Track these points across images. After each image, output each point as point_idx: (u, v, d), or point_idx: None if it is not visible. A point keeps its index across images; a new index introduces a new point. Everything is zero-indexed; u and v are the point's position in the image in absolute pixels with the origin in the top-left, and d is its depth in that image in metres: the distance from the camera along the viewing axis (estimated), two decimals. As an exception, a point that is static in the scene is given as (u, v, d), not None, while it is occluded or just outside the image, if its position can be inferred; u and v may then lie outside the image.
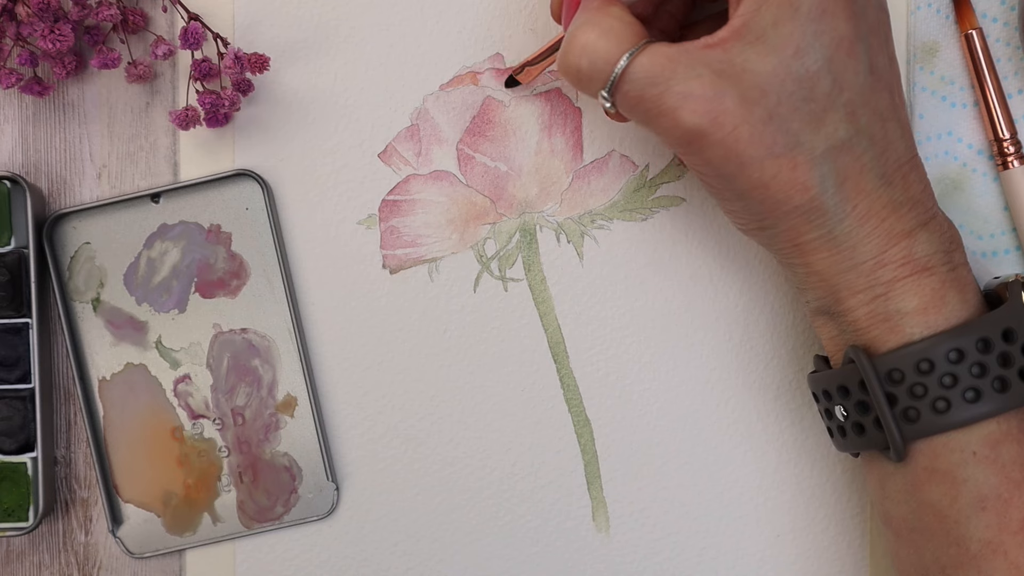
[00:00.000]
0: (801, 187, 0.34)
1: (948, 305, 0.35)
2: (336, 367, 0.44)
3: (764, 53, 0.34)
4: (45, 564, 0.45)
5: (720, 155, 0.34)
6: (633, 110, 0.35)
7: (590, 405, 0.44)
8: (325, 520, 0.44)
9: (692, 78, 0.34)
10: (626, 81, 0.35)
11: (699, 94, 0.34)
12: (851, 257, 0.35)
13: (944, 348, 0.34)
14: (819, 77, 0.34)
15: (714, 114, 0.34)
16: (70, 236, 0.44)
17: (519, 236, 0.44)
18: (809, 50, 0.34)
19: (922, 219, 0.36)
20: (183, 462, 0.44)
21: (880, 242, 0.35)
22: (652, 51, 0.34)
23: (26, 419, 0.43)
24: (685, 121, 0.34)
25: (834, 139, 0.34)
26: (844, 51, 0.34)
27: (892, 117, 0.36)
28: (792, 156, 0.34)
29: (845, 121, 0.34)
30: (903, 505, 0.36)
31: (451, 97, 0.44)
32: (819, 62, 0.34)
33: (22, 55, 0.41)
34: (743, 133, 0.34)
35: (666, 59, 0.34)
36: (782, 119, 0.34)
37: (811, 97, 0.34)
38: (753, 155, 0.34)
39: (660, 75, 0.34)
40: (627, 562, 0.44)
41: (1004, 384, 0.35)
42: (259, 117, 0.44)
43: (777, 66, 0.34)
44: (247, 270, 0.44)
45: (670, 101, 0.34)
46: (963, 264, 0.37)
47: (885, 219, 0.35)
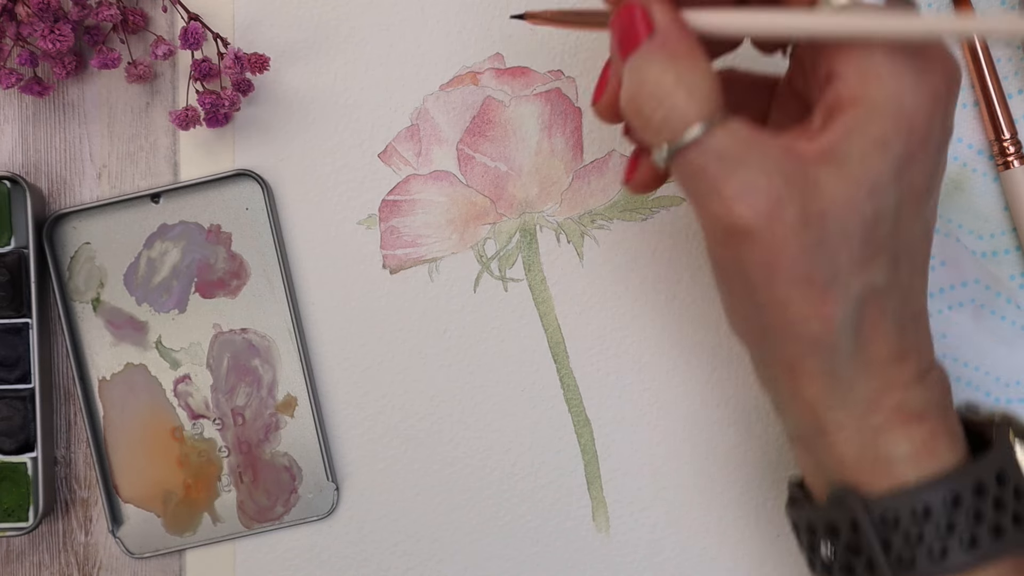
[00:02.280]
0: (822, 321, 0.33)
1: (940, 450, 0.34)
2: (336, 367, 0.44)
3: (840, 180, 0.32)
4: (45, 564, 0.45)
5: (756, 260, 0.32)
6: (689, 178, 0.32)
7: (590, 405, 0.44)
8: (325, 520, 0.44)
9: (762, 173, 0.31)
10: (696, 149, 0.32)
11: (764, 192, 0.31)
12: (844, 396, 0.34)
13: (941, 494, 0.33)
14: (883, 221, 0.32)
15: (770, 218, 0.31)
16: (70, 236, 0.44)
17: (519, 236, 0.44)
18: (884, 193, 0.32)
19: (921, 372, 0.34)
20: (183, 462, 0.44)
21: (878, 387, 0.34)
22: (732, 127, 0.32)
23: (26, 419, 0.43)
24: (738, 213, 0.31)
25: (872, 284, 0.33)
26: (914, 201, 0.33)
27: (922, 270, 0.35)
28: (826, 289, 0.32)
29: (887, 268, 0.33)
30: None
31: (451, 97, 0.44)
32: (889, 206, 0.32)
33: (22, 55, 0.41)
34: (790, 248, 0.32)
35: (743, 143, 0.32)
36: (832, 250, 0.32)
37: (868, 239, 0.32)
38: (789, 274, 0.32)
39: (731, 156, 0.31)
40: (627, 562, 0.44)
41: (999, 530, 0.34)
42: (259, 117, 0.44)
43: (849, 198, 0.32)
44: (247, 270, 0.44)
45: (732, 187, 0.31)
46: (952, 410, 0.36)
47: (889, 366, 0.34)
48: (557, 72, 0.44)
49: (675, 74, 0.32)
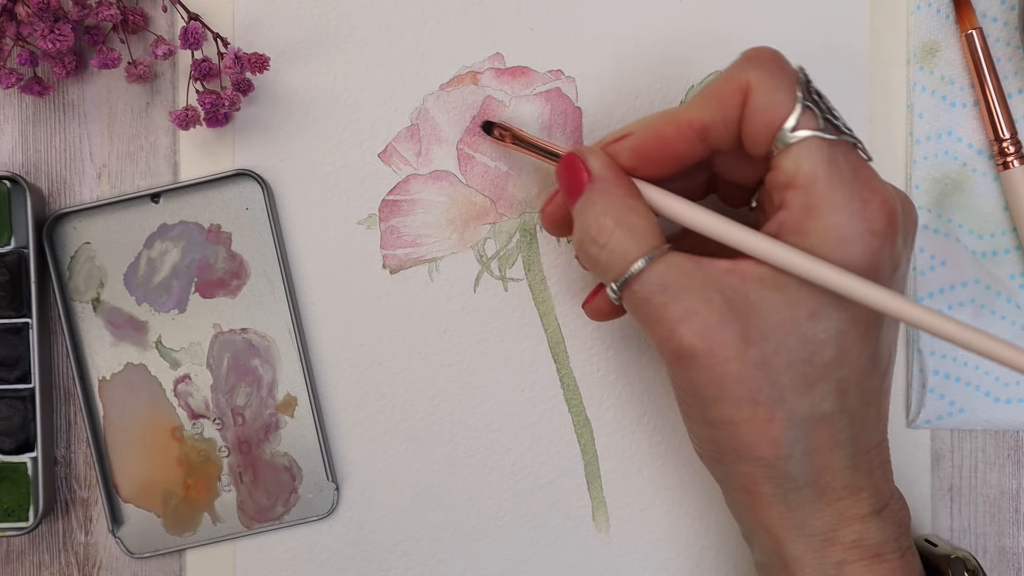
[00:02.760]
0: (771, 441, 0.34)
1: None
2: (336, 367, 0.44)
3: (780, 303, 0.33)
4: (45, 564, 0.45)
5: (704, 380, 0.34)
6: (636, 309, 0.35)
7: (590, 405, 0.44)
8: (325, 520, 0.44)
9: (702, 299, 0.33)
10: (639, 282, 0.34)
11: (703, 316, 0.33)
12: (800, 526, 0.35)
13: None
14: (824, 346, 0.33)
15: (711, 341, 0.33)
16: (70, 236, 0.44)
17: (519, 236, 0.44)
18: (825, 318, 0.33)
19: (877, 506, 0.35)
20: (183, 462, 0.44)
21: (831, 521, 0.35)
22: (670, 260, 0.34)
23: (26, 419, 0.43)
24: (682, 337, 0.34)
25: (818, 409, 0.34)
26: (859, 332, 0.34)
27: (876, 402, 0.35)
28: (771, 409, 0.34)
29: (834, 395, 0.34)
30: None
31: (451, 97, 0.44)
32: (830, 332, 0.33)
33: (22, 55, 0.41)
34: (732, 368, 0.33)
35: (682, 272, 0.34)
36: (774, 370, 0.33)
37: (809, 361, 0.33)
38: (734, 393, 0.34)
39: (672, 286, 0.34)
40: (627, 562, 0.44)
41: None
42: (259, 117, 0.44)
43: (788, 320, 0.33)
44: (247, 270, 0.44)
45: (674, 314, 0.34)
46: (910, 548, 0.36)
47: (842, 499, 0.35)
48: (557, 72, 0.44)
49: (614, 217, 0.35)
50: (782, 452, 0.34)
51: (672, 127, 0.36)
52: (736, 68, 0.35)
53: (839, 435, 0.34)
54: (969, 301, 0.43)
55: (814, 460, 0.34)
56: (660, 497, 0.44)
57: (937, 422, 0.44)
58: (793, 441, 0.34)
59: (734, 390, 0.34)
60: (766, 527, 0.36)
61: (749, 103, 0.34)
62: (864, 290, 0.33)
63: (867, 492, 0.35)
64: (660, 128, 0.36)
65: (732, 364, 0.33)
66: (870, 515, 0.35)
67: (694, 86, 0.44)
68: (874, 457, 0.36)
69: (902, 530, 0.36)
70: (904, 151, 0.44)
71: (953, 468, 0.44)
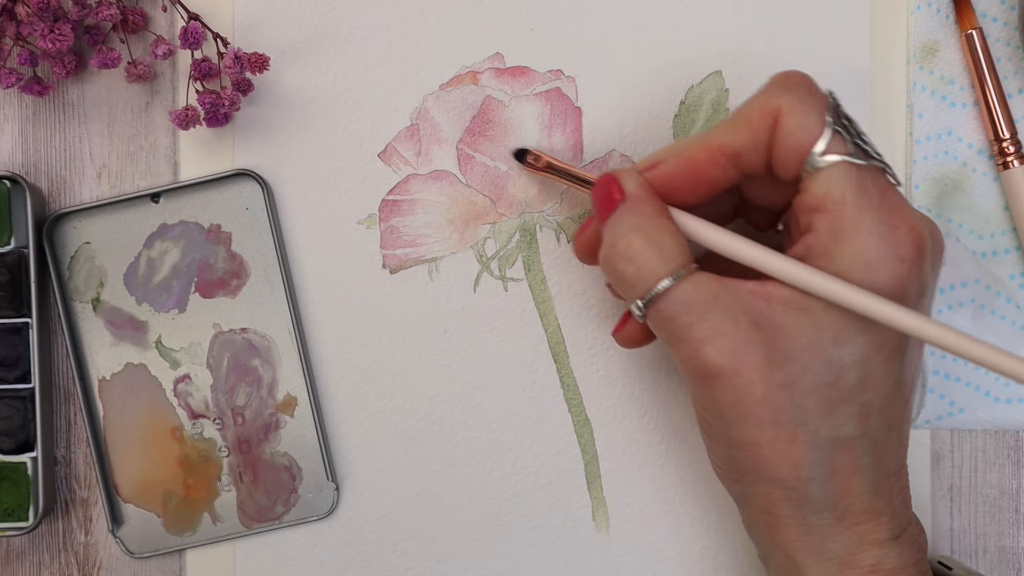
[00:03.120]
0: (792, 464, 0.34)
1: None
2: (336, 367, 0.44)
3: (805, 326, 0.33)
4: (45, 564, 0.45)
5: (728, 400, 0.34)
6: (662, 328, 0.35)
7: (590, 405, 0.44)
8: (325, 520, 0.44)
9: (728, 320, 0.34)
10: (665, 300, 0.34)
11: (729, 337, 0.33)
12: (819, 550, 0.35)
13: None
14: (849, 370, 0.33)
15: (737, 361, 0.33)
16: (70, 236, 0.44)
17: (519, 236, 0.44)
18: (850, 342, 0.33)
19: (896, 531, 0.35)
20: (183, 462, 0.44)
21: (850, 545, 0.35)
22: (698, 280, 0.34)
23: (26, 419, 0.43)
24: (707, 357, 0.34)
25: (840, 433, 0.34)
26: (883, 357, 0.34)
27: (898, 427, 0.36)
28: (794, 431, 0.34)
29: (856, 419, 0.34)
30: None
31: (451, 97, 0.44)
32: (855, 356, 0.33)
33: (22, 55, 0.41)
34: (756, 390, 0.33)
35: (709, 292, 0.34)
36: (798, 393, 0.33)
37: (834, 385, 0.33)
38: (757, 414, 0.34)
39: (698, 305, 0.34)
40: (627, 562, 0.44)
41: None
42: (259, 117, 0.44)
43: (813, 343, 0.33)
44: (247, 270, 0.44)
45: (700, 333, 0.34)
46: (927, 573, 0.36)
47: (862, 523, 0.35)
48: (557, 72, 0.44)
49: (643, 235, 0.35)
50: (803, 475, 0.34)
51: (704, 154, 0.36)
52: (766, 93, 0.35)
53: (860, 459, 0.34)
54: (969, 301, 0.43)
55: (835, 484, 0.34)
56: (660, 497, 0.44)
57: (937, 422, 0.44)
58: (814, 464, 0.34)
59: (757, 411, 0.34)
60: (784, 549, 0.36)
61: (779, 127, 0.34)
62: (892, 313, 0.33)
63: (887, 517, 0.35)
64: (692, 155, 0.36)
65: (757, 385, 0.33)
66: (888, 540, 0.35)
67: (694, 86, 0.44)
68: (894, 483, 0.36)
69: (920, 555, 0.36)
70: (904, 151, 0.44)
71: (953, 468, 0.44)
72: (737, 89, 0.44)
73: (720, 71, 0.44)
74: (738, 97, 0.44)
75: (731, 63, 0.44)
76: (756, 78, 0.44)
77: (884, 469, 0.35)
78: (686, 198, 0.37)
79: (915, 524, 0.37)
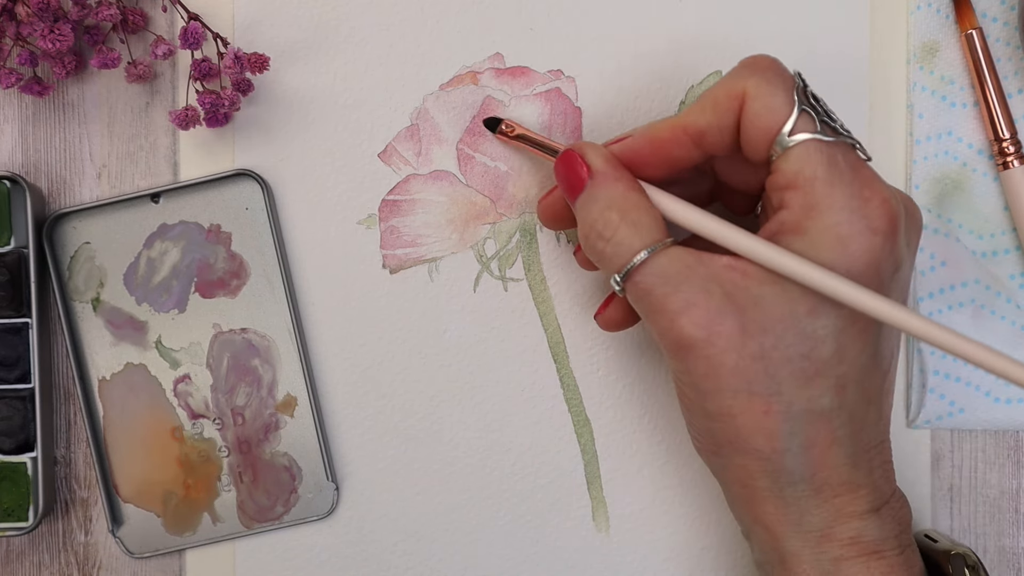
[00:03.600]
0: (767, 434, 0.34)
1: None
2: (336, 367, 0.44)
3: (779, 297, 0.34)
4: (45, 564, 0.45)
5: (702, 370, 0.34)
6: (639, 300, 0.36)
7: (590, 405, 0.44)
8: (325, 520, 0.44)
9: (702, 291, 0.34)
10: (640, 273, 0.35)
11: (703, 308, 0.34)
12: (797, 522, 0.35)
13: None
14: (823, 342, 0.34)
15: (709, 331, 0.34)
16: (70, 236, 0.44)
17: (519, 236, 0.44)
18: (824, 315, 0.34)
19: (876, 504, 0.35)
20: (183, 462, 0.44)
21: (828, 517, 0.35)
22: (672, 253, 0.35)
23: (26, 419, 0.43)
24: (681, 327, 0.34)
25: (815, 404, 0.34)
26: (858, 330, 0.34)
27: (876, 401, 0.36)
28: (767, 401, 0.34)
29: (832, 391, 0.34)
30: None
31: (451, 97, 0.44)
32: (829, 329, 0.34)
33: (22, 55, 0.41)
34: (729, 359, 0.34)
35: (683, 265, 0.34)
36: (772, 363, 0.34)
37: (808, 356, 0.34)
38: (731, 383, 0.34)
39: (674, 278, 0.34)
40: (627, 562, 0.44)
41: None
42: (259, 117, 0.44)
43: (787, 315, 0.34)
44: (247, 270, 0.44)
45: (674, 304, 0.34)
46: (910, 545, 0.36)
47: (839, 496, 0.35)
48: (557, 72, 0.44)
49: (619, 211, 0.36)
50: (778, 445, 0.34)
51: (668, 132, 0.36)
52: (733, 75, 0.36)
53: (837, 432, 0.34)
54: (969, 301, 0.43)
55: (811, 455, 0.34)
56: (660, 497, 0.44)
57: (937, 422, 0.44)
58: (789, 435, 0.34)
59: (731, 381, 0.34)
60: (763, 523, 0.36)
61: (746, 109, 0.35)
62: (853, 293, 0.33)
63: (865, 490, 0.35)
64: (656, 132, 0.37)
65: (730, 355, 0.34)
66: (868, 512, 0.35)
67: (694, 86, 0.44)
68: (874, 456, 0.36)
69: (902, 528, 0.36)
70: (904, 151, 0.44)
71: (953, 468, 0.44)
72: (737, 89, 0.44)
73: (720, 71, 0.44)
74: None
75: (731, 63, 0.43)
76: (756, 78, 0.44)
77: (863, 442, 0.35)
78: (651, 173, 0.37)
79: (898, 497, 0.37)
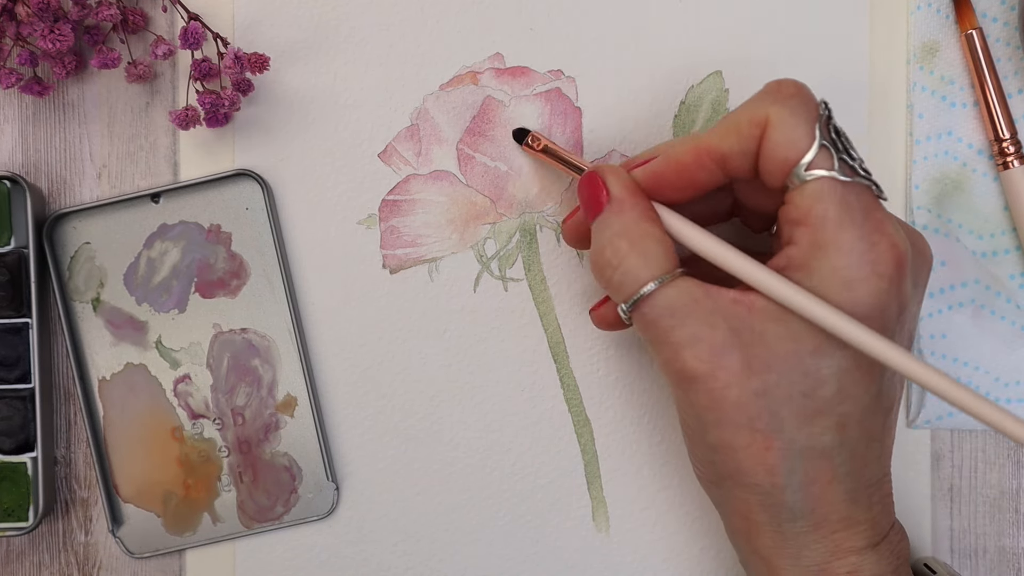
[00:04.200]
0: (768, 469, 0.34)
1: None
2: (336, 367, 0.44)
3: (784, 336, 0.34)
4: (45, 564, 0.45)
5: (705, 403, 0.34)
6: (645, 330, 0.36)
7: (590, 405, 0.44)
8: (325, 520, 0.44)
9: (707, 325, 0.34)
10: (648, 304, 0.35)
11: (707, 342, 0.34)
12: (795, 556, 0.35)
13: None
14: (826, 382, 0.34)
15: (713, 366, 0.34)
16: (70, 236, 0.44)
17: (519, 236, 0.44)
18: (828, 355, 0.34)
19: (874, 539, 0.35)
20: (183, 462, 0.44)
21: (826, 552, 0.35)
22: (680, 285, 0.35)
23: (26, 419, 0.43)
24: (685, 360, 0.34)
25: (817, 442, 0.34)
26: (862, 371, 0.34)
27: (879, 438, 0.36)
28: (769, 437, 0.34)
29: (833, 430, 0.34)
30: None
31: (451, 97, 0.44)
32: (832, 369, 0.34)
33: (22, 55, 0.41)
34: (731, 394, 0.34)
35: (691, 298, 0.34)
36: (774, 400, 0.34)
37: (810, 395, 0.34)
38: (733, 418, 0.34)
39: (680, 311, 0.34)
40: (627, 562, 0.44)
41: None
42: (259, 117, 0.44)
43: (791, 353, 0.34)
44: (247, 270, 0.44)
45: (679, 337, 0.34)
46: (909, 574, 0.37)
47: (838, 532, 0.35)
48: (557, 72, 0.44)
49: (628, 240, 0.36)
50: (779, 481, 0.34)
51: (691, 155, 0.36)
52: (757, 100, 0.35)
53: (838, 469, 0.34)
54: (969, 301, 0.43)
55: (811, 492, 0.34)
56: (660, 497, 0.44)
57: (937, 422, 0.44)
58: (790, 471, 0.34)
59: (733, 415, 0.34)
60: (761, 555, 0.36)
61: (766, 138, 0.34)
62: (859, 335, 0.33)
63: (865, 525, 0.35)
64: (679, 156, 0.36)
65: (732, 390, 0.34)
66: (866, 548, 0.35)
67: (694, 86, 0.44)
68: (874, 492, 0.36)
69: (900, 561, 0.36)
70: (904, 151, 0.44)
71: (953, 468, 0.44)
72: (737, 89, 0.44)
73: (720, 71, 0.44)
74: (738, 97, 0.44)
75: (731, 63, 0.44)
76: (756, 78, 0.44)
77: (864, 479, 0.35)
78: (673, 195, 0.37)
79: (897, 531, 0.37)
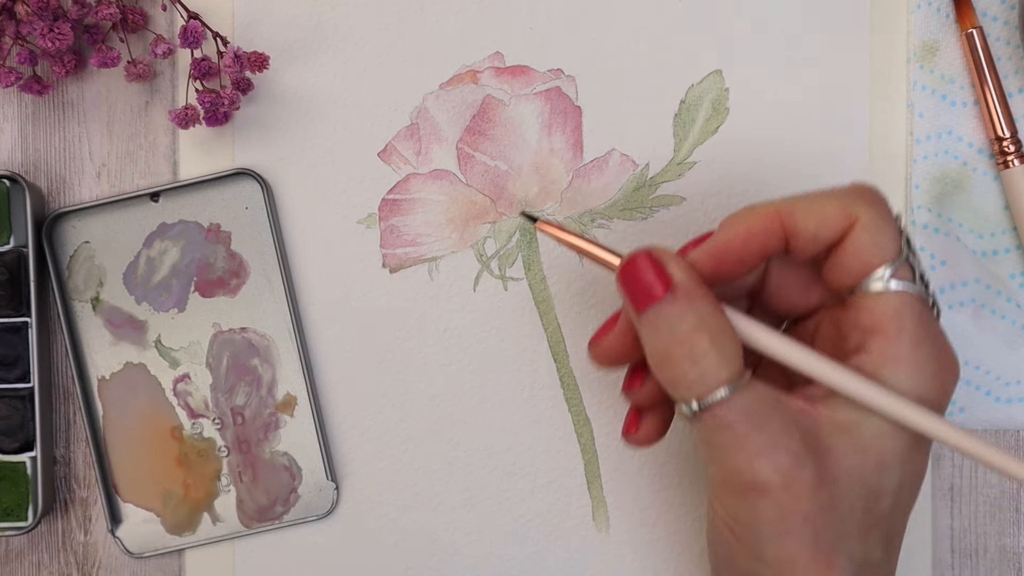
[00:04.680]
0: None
1: None
2: (336, 367, 0.44)
3: (851, 449, 0.33)
4: (44, 564, 0.45)
5: (770, 515, 0.33)
6: (714, 432, 0.33)
7: (590, 405, 0.44)
8: (325, 520, 0.44)
9: (784, 433, 0.33)
10: (724, 407, 0.33)
11: (784, 450, 0.32)
12: None
13: None
14: (886, 496, 0.33)
15: (789, 476, 0.32)
16: (69, 235, 0.44)
17: (519, 235, 0.44)
18: (891, 470, 0.33)
19: None
20: (183, 462, 0.44)
21: None
22: (758, 389, 0.33)
23: (25, 418, 0.43)
24: (759, 468, 0.32)
25: (870, 556, 0.34)
26: (915, 485, 0.34)
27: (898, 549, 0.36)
28: (831, 554, 0.33)
29: (882, 542, 0.34)
30: None
31: (451, 96, 0.44)
32: (893, 483, 0.33)
33: (21, 54, 0.41)
34: (803, 507, 0.32)
35: (767, 404, 0.33)
36: (839, 514, 0.33)
37: (870, 509, 0.33)
38: (799, 532, 0.33)
39: (757, 416, 0.33)
40: (627, 562, 0.44)
41: None
42: (259, 116, 0.44)
43: (857, 467, 0.33)
44: (247, 269, 0.44)
45: (757, 443, 0.32)
46: None
47: None
48: (557, 71, 0.44)
49: (708, 335, 0.33)
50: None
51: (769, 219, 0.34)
52: (845, 196, 0.34)
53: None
54: (969, 300, 0.43)
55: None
56: (660, 497, 0.44)
57: (937, 422, 0.44)
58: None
59: (800, 530, 0.33)
60: None
61: (853, 236, 0.33)
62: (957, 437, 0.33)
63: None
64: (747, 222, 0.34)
65: (804, 503, 0.32)
66: None
67: (694, 85, 0.44)
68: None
69: None
70: (904, 150, 0.44)
71: (953, 468, 0.44)
72: (737, 89, 0.44)
73: (720, 71, 0.44)
74: (738, 97, 0.43)
75: (731, 63, 0.44)
76: (756, 78, 0.44)
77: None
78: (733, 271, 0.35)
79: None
